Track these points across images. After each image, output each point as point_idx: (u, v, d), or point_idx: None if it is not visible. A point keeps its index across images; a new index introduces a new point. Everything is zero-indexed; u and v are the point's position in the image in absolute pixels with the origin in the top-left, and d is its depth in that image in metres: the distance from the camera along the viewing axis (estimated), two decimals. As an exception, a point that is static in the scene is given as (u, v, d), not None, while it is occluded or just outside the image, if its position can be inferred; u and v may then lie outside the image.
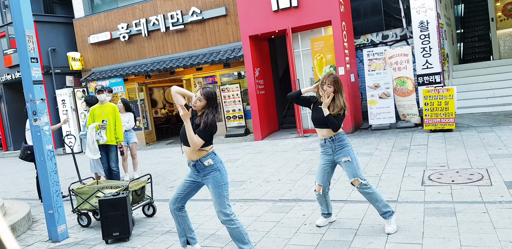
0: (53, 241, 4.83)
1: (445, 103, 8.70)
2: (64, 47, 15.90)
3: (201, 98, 3.46)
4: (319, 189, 4.22)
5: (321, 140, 4.15)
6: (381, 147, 8.04)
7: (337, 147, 4.06)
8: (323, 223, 4.32)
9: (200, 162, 3.50)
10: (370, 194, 3.96)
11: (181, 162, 9.38)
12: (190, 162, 3.59)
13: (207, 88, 3.55)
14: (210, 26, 12.94)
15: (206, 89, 3.51)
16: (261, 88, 11.64)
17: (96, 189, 5.19)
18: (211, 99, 3.50)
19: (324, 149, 4.16)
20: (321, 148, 4.20)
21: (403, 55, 9.78)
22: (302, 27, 10.60)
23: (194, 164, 3.53)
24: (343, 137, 4.10)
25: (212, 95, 3.50)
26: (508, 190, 4.69)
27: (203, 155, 3.50)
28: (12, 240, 0.90)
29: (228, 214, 3.44)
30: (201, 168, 3.52)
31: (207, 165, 3.49)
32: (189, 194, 3.73)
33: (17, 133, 17.32)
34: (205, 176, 3.52)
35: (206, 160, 3.49)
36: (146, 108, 14.65)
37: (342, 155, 4.04)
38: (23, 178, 10.32)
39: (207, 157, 3.50)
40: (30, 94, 4.81)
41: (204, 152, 3.50)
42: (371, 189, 3.97)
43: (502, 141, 7.16)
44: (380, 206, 3.97)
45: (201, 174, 3.55)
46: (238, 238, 3.47)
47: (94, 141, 6.78)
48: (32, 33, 4.86)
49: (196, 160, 3.52)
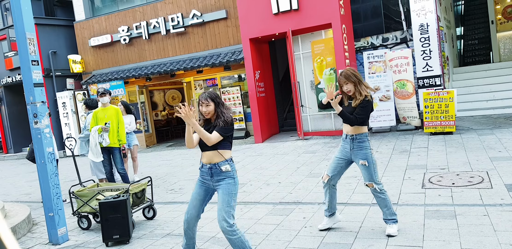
0: (53, 243, 4.83)
1: (445, 106, 8.70)
2: (65, 50, 15.94)
3: (208, 103, 3.42)
4: (325, 178, 4.16)
5: (344, 134, 4.12)
6: (381, 149, 8.04)
7: (356, 147, 4.00)
8: (324, 225, 4.24)
9: (218, 166, 3.43)
10: (382, 199, 3.95)
11: (181, 165, 9.39)
12: (206, 165, 3.50)
13: (206, 92, 3.51)
14: (211, 29, 12.97)
15: (206, 93, 3.47)
16: (262, 91, 11.65)
17: (97, 192, 5.18)
18: (217, 99, 3.48)
19: (343, 144, 4.11)
20: (342, 142, 4.16)
21: (403, 58, 9.80)
22: (302, 29, 10.62)
23: (211, 167, 3.44)
24: (364, 138, 4.00)
25: (215, 95, 3.49)
26: (509, 193, 4.69)
27: (222, 159, 3.44)
28: (13, 242, 0.90)
29: (231, 224, 3.36)
30: (216, 173, 3.44)
31: (224, 171, 3.42)
32: (205, 205, 3.66)
33: (17, 135, 17.34)
34: (219, 182, 3.45)
35: (224, 165, 3.43)
36: (146, 111, 14.66)
37: (360, 157, 3.98)
38: (23, 181, 10.32)
39: (225, 162, 3.44)
40: (31, 97, 4.82)
41: (224, 157, 3.46)
42: (384, 195, 3.95)
43: (503, 144, 7.16)
44: (388, 213, 3.95)
45: (214, 179, 3.46)
46: (240, 247, 3.44)
47: (97, 144, 6.78)
48: (33, 36, 4.87)
49: (215, 163, 3.45)
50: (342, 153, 4.11)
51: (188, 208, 3.62)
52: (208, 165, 3.46)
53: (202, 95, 3.46)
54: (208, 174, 3.48)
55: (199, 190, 3.58)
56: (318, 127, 10.98)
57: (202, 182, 3.57)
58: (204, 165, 3.53)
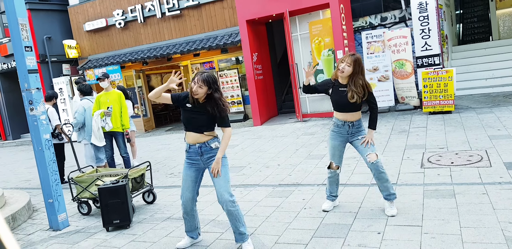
0: (54, 229, 4.85)
1: (444, 85, 8.65)
2: (60, 35, 15.75)
3: (201, 85, 3.37)
4: (335, 168, 4.17)
5: (340, 121, 4.05)
6: (380, 130, 8.02)
7: (354, 131, 4.03)
8: (330, 207, 4.26)
9: (208, 144, 3.52)
10: (383, 173, 3.88)
11: (180, 149, 9.38)
12: (193, 145, 3.54)
13: (205, 73, 3.44)
14: (207, 11, 12.78)
15: (204, 75, 3.40)
16: (259, 74, 11.56)
17: (96, 177, 5.18)
18: (214, 85, 3.41)
19: (338, 129, 4.08)
20: (335, 127, 4.11)
21: (402, 37, 9.68)
22: (300, 10, 10.46)
23: (200, 146, 3.52)
24: (361, 123, 4.07)
25: (213, 79, 3.41)
26: (508, 171, 4.69)
27: (210, 138, 3.54)
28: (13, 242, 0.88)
29: (232, 194, 3.49)
30: (207, 150, 3.53)
31: (214, 148, 3.53)
32: (198, 186, 3.70)
33: (15, 122, 17.30)
34: (210, 159, 3.53)
35: (213, 142, 3.54)
36: (144, 96, 14.59)
37: (358, 134, 4.02)
38: (22, 167, 10.34)
39: (214, 140, 3.55)
40: (26, 84, 4.76)
41: (213, 135, 3.56)
42: (383, 168, 3.91)
43: (502, 122, 7.14)
44: (389, 187, 3.92)
45: (204, 157, 3.54)
46: (239, 219, 3.49)
47: (100, 128, 6.76)
48: (26, 21, 4.78)
49: (203, 142, 3.52)
50: (339, 138, 4.09)
51: (182, 191, 3.68)
52: (197, 144, 3.53)
53: (199, 76, 3.39)
54: (197, 154, 3.55)
55: (188, 172, 3.63)
56: (316, 108, 10.93)
57: (190, 164, 3.62)
58: (191, 145, 3.57)
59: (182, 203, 3.69)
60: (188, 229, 3.80)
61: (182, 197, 3.68)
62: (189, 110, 3.51)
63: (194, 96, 3.43)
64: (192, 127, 3.53)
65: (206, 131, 3.52)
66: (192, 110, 3.49)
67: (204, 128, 3.51)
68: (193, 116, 3.49)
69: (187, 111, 3.52)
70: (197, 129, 3.51)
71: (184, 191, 3.65)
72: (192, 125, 3.52)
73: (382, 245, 3.30)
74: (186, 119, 3.54)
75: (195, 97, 3.45)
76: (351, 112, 3.99)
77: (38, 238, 4.68)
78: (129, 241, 4.18)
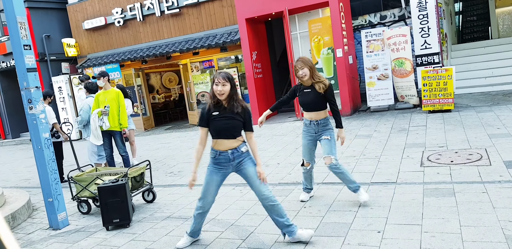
0: (54, 228, 4.85)
1: (444, 84, 8.64)
2: (59, 33, 15.71)
3: (225, 82, 3.45)
4: (308, 165, 4.52)
5: (307, 120, 4.38)
6: (379, 128, 8.02)
7: (320, 129, 4.33)
8: (306, 197, 4.63)
9: (239, 149, 3.58)
10: (341, 173, 4.20)
11: (180, 148, 9.38)
12: (225, 152, 3.55)
13: (223, 72, 3.59)
14: (206, 10, 12.76)
15: (222, 73, 3.54)
16: (259, 72, 11.55)
17: (95, 176, 5.18)
18: (233, 81, 3.56)
19: (307, 128, 4.41)
20: (305, 127, 4.44)
21: (402, 35, 9.68)
22: (299, 8, 10.45)
23: (233, 152, 3.56)
24: (327, 122, 4.34)
25: (231, 76, 3.59)
26: (507, 170, 4.69)
27: (241, 143, 3.61)
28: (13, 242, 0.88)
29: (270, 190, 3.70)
30: (238, 155, 3.58)
31: (244, 151, 3.61)
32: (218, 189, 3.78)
33: (15, 121, 17.27)
34: (242, 162, 3.59)
35: (243, 147, 3.62)
36: (143, 94, 14.58)
37: (324, 134, 4.30)
38: (22, 166, 10.33)
39: (243, 144, 3.64)
40: (25, 82, 4.75)
41: (241, 140, 3.63)
42: (341, 169, 4.20)
43: (501, 121, 7.14)
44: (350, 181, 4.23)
45: (235, 162, 3.58)
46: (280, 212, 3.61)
47: (97, 127, 6.78)
48: (24, 19, 4.77)
49: (235, 148, 3.57)
50: (309, 137, 4.43)
51: (203, 195, 3.68)
52: (229, 151, 3.56)
53: (219, 75, 3.49)
54: (228, 160, 3.58)
55: (215, 177, 3.64)
56: (316, 107, 10.93)
57: (217, 169, 3.63)
58: (221, 152, 3.57)
59: (201, 206, 3.68)
60: (195, 229, 3.80)
61: (203, 201, 3.67)
62: (218, 118, 3.50)
63: (220, 97, 3.46)
64: (225, 134, 3.52)
65: (238, 136, 3.58)
66: (222, 117, 3.50)
67: (237, 133, 3.58)
68: (226, 122, 3.50)
69: (216, 120, 3.50)
70: (230, 135, 3.54)
71: (207, 195, 3.66)
72: (225, 132, 3.52)
73: (382, 244, 3.30)
74: (217, 128, 3.52)
75: (220, 99, 3.48)
76: (316, 111, 4.29)
77: (38, 237, 4.67)
78: (129, 240, 4.18)
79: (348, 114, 10.07)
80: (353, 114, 10.26)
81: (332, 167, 4.17)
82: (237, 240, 3.80)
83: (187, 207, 4.99)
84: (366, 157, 6.09)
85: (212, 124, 3.52)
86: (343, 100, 10.15)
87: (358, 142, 7.14)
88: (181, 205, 5.11)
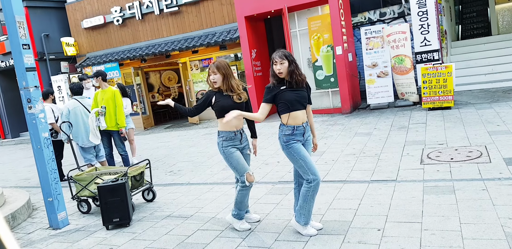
0: (54, 228, 4.85)
1: (444, 81, 8.63)
2: (58, 32, 15.69)
3: (282, 61, 3.53)
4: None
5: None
6: (379, 126, 8.01)
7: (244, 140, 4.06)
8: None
9: (307, 122, 3.73)
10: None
11: (179, 146, 9.37)
12: (300, 126, 3.63)
13: (216, 61, 3.68)
14: (205, 8, 12.74)
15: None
16: (258, 70, 11.53)
17: (95, 176, 5.17)
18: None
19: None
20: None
21: (401, 32, 9.66)
22: (299, 6, 10.42)
23: (305, 125, 3.67)
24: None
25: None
26: (507, 167, 4.69)
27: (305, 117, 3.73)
28: (11, 239, 0.87)
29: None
30: (307, 129, 3.71)
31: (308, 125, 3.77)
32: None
33: (14, 121, 17.27)
34: (308, 136, 3.73)
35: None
36: (143, 93, 14.56)
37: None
38: (22, 166, 10.33)
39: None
40: (24, 82, 4.74)
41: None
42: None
43: (501, 117, 7.13)
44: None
45: (306, 135, 3.70)
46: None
47: (95, 127, 6.75)
48: (23, 19, 4.75)
49: (306, 121, 3.71)
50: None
51: (313, 168, 3.60)
52: (303, 124, 3.66)
53: (274, 55, 3.56)
54: (302, 133, 3.65)
55: (303, 147, 3.67)
56: (316, 105, 10.91)
57: (299, 141, 3.66)
58: (298, 126, 3.63)
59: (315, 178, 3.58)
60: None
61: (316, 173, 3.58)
62: (287, 91, 3.59)
63: (280, 75, 3.57)
64: (299, 104, 3.61)
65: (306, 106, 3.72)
66: (291, 90, 3.59)
67: (306, 102, 3.70)
68: (296, 94, 3.59)
69: (286, 92, 3.58)
70: (302, 105, 3.63)
71: (314, 165, 3.64)
72: (298, 102, 3.60)
73: (382, 242, 3.29)
74: (291, 99, 3.56)
75: (280, 77, 3.59)
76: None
77: (38, 237, 4.67)
78: (129, 239, 4.18)
79: (348, 112, 10.06)
80: (352, 112, 10.25)
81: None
82: (237, 238, 3.80)
83: (187, 206, 4.98)
84: (366, 155, 6.08)
85: (282, 97, 3.59)
86: (342, 98, 10.14)
87: (357, 140, 7.13)
88: (181, 204, 5.11)
